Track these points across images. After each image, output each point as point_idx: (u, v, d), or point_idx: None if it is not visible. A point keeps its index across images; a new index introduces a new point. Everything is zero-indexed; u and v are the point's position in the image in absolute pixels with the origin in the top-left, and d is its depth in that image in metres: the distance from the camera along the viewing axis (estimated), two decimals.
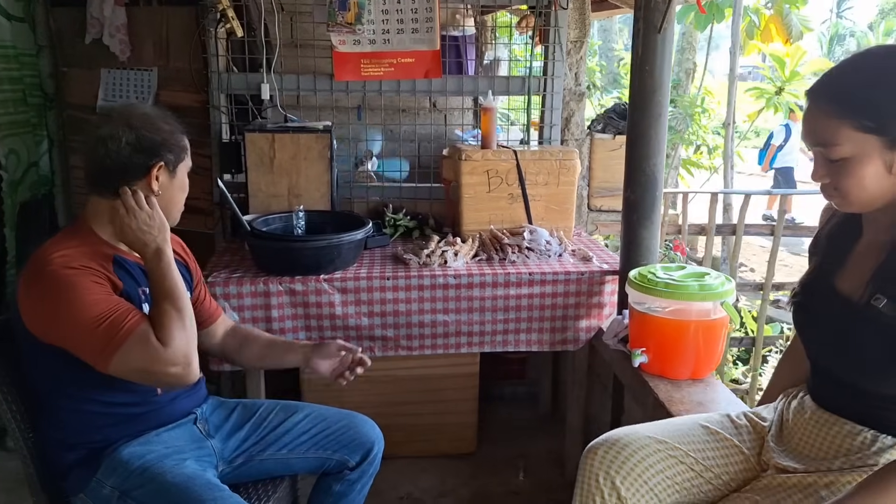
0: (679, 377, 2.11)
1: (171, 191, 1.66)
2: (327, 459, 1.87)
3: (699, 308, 2.07)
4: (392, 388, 2.76)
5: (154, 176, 1.60)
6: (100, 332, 1.46)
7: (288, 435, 1.87)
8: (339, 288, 2.43)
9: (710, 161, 7.64)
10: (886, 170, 1.24)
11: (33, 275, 1.51)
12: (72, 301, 1.47)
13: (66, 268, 1.49)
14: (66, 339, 1.50)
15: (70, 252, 1.52)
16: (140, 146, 1.57)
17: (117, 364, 1.47)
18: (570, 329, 2.56)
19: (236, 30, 2.83)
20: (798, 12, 7.38)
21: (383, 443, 1.96)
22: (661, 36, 2.22)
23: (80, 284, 1.49)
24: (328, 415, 1.93)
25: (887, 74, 1.23)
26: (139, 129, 1.58)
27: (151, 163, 1.59)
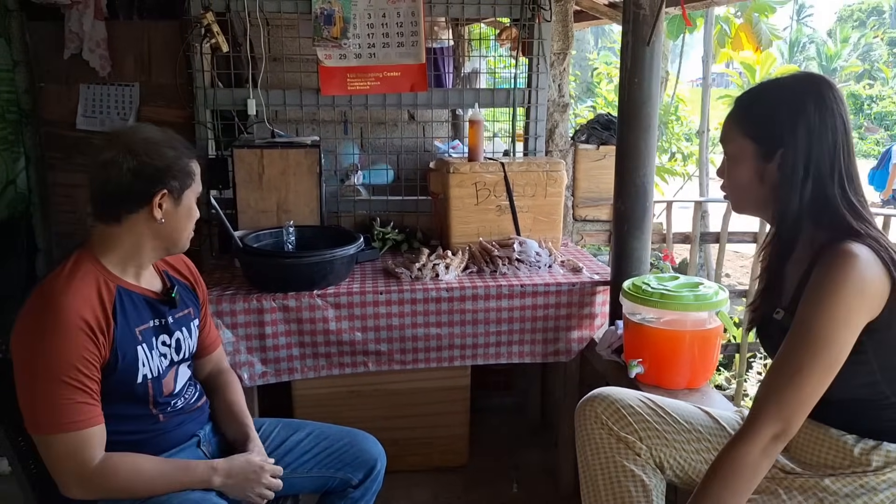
0: (675, 387, 2.13)
1: (176, 218, 1.60)
2: (330, 478, 1.86)
3: (694, 318, 2.09)
4: (383, 403, 2.75)
5: (157, 204, 1.55)
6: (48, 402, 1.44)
7: (290, 454, 1.85)
8: (332, 303, 2.42)
9: (684, 168, 7.73)
10: (758, 177, 1.43)
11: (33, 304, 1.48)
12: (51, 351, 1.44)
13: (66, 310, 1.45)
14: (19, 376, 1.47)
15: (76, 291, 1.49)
16: (142, 173, 1.52)
17: (40, 442, 1.47)
18: (562, 340, 2.57)
19: (221, 45, 2.81)
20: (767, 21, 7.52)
21: (385, 459, 1.95)
22: (649, 48, 2.25)
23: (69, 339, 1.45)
24: (330, 433, 1.92)
25: (773, 98, 1.43)
26: (141, 155, 1.53)
27: (154, 190, 1.54)
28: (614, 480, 1.63)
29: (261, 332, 2.39)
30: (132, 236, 1.58)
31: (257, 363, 2.41)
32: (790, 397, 1.31)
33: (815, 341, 1.31)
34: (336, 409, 2.70)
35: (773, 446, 1.33)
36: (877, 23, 34.57)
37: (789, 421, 1.32)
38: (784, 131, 1.39)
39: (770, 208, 1.46)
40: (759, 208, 1.51)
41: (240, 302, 2.36)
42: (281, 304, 2.39)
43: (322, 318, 2.42)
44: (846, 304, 1.29)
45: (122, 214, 1.55)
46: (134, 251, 1.60)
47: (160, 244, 1.62)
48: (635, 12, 2.24)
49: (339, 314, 2.43)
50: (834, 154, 1.37)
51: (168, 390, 1.68)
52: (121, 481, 1.50)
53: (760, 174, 1.43)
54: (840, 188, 1.38)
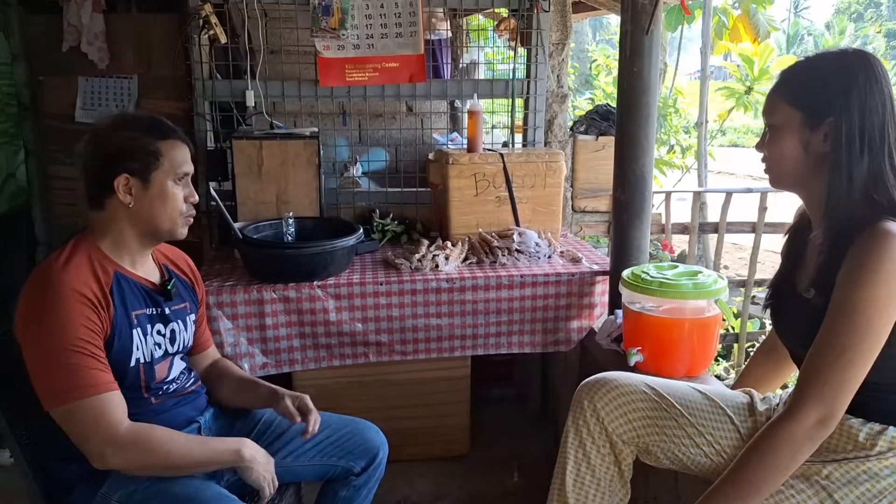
0: (674, 375, 2.13)
1: (148, 201, 1.57)
2: (332, 466, 1.86)
3: (693, 306, 2.10)
4: (385, 393, 2.76)
5: (119, 188, 1.54)
6: (61, 372, 1.44)
7: (294, 442, 1.85)
8: (332, 294, 2.43)
9: (683, 160, 7.74)
10: (803, 147, 1.42)
11: (32, 283, 1.50)
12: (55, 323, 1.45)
13: (65, 285, 1.47)
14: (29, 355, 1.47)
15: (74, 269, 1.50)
16: (99, 159, 1.54)
17: (62, 416, 1.46)
18: (562, 330, 2.58)
19: (220, 36, 2.81)
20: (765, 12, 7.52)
21: (388, 448, 1.95)
22: (648, 37, 2.26)
23: (72, 309, 1.46)
24: (332, 421, 1.92)
25: (822, 67, 1.42)
26: (102, 138, 1.55)
27: (113, 174, 1.53)
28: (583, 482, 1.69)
29: (261, 323, 2.40)
30: (115, 222, 1.58)
31: (258, 354, 2.42)
32: (835, 380, 1.31)
33: (860, 323, 1.30)
34: (337, 400, 2.70)
35: (817, 431, 1.33)
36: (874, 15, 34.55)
37: (833, 405, 1.32)
38: (835, 99, 1.37)
39: (811, 182, 1.45)
40: (798, 182, 1.48)
41: (240, 293, 2.37)
42: (281, 294, 2.39)
43: (322, 309, 2.42)
44: (888, 284, 1.28)
45: (103, 201, 1.57)
46: (120, 236, 1.60)
47: (141, 229, 1.61)
48: (634, 1, 2.24)
49: (339, 305, 2.44)
50: (884, 127, 1.36)
51: (161, 377, 1.68)
52: (156, 444, 1.50)
53: (805, 145, 1.42)
54: (891, 163, 1.37)
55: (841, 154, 1.37)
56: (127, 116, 1.64)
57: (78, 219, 3.53)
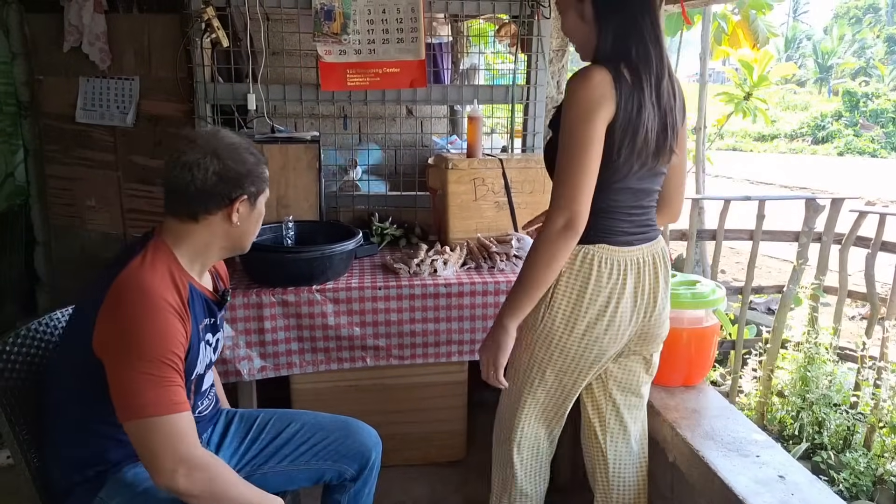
0: (672, 384, 2.15)
1: (248, 222, 1.64)
2: (326, 470, 1.87)
3: (691, 316, 2.12)
4: (381, 397, 2.76)
5: (236, 208, 1.58)
6: (151, 384, 1.42)
7: (287, 446, 1.87)
8: (331, 298, 2.43)
9: None
10: (580, 17, 1.68)
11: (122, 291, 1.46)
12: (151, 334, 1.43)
13: (158, 296, 1.46)
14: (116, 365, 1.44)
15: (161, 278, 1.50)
16: (226, 177, 1.55)
17: (143, 427, 1.41)
18: None
19: (222, 40, 2.81)
20: (764, 18, 7.53)
21: (381, 447, 1.98)
22: None
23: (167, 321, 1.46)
24: (325, 423, 1.93)
25: None
26: (226, 159, 1.55)
27: (235, 195, 1.57)
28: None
29: (260, 326, 2.41)
30: (206, 236, 1.60)
31: (256, 357, 2.43)
32: (567, 190, 1.59)
33: (570, 141, 1.60)
34: (334, 404, 2.71)
35: (567, 230, 1.60)
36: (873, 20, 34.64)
37: (572, 208, 1.59)
38: None
39: (592, 43, 1.68)
40: (587, 46, 1.71)
41: (239, 296, 2.37)
42: (280, 298, 2.40)
43: (321, 313, 2.43)
44: (579, 105, 1.57)
45: (199, 214, 1.57)
46: (204, 249, 1.62)
47: (228, 245, 1.65)
48: None
49: (337, 309, 2.44)
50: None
51: (203, 388, 1.72)
52: (222, 475, 1.48)
53: (581, 15, 1.69)
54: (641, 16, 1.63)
55: (600, 15, 1.65)
56: (243, 138, 1.64)
57: (75, 219, 3.54)
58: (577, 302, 1.72)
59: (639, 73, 1.61)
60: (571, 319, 1.73)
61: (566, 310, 1.73)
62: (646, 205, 1.77)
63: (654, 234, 1.81)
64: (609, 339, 1.75)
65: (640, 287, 1.75)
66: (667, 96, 1.66)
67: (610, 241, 1.72)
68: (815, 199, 3.29)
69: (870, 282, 3.22)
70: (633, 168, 1.66)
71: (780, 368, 3.46)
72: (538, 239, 1.65)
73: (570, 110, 1.60)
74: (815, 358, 3.29)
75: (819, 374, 3.26)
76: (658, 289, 1.78)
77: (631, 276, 1.73)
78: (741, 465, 1.73)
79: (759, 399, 3.51)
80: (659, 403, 2.04)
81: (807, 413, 3.25)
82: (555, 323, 1.74)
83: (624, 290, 1.72)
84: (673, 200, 1.91)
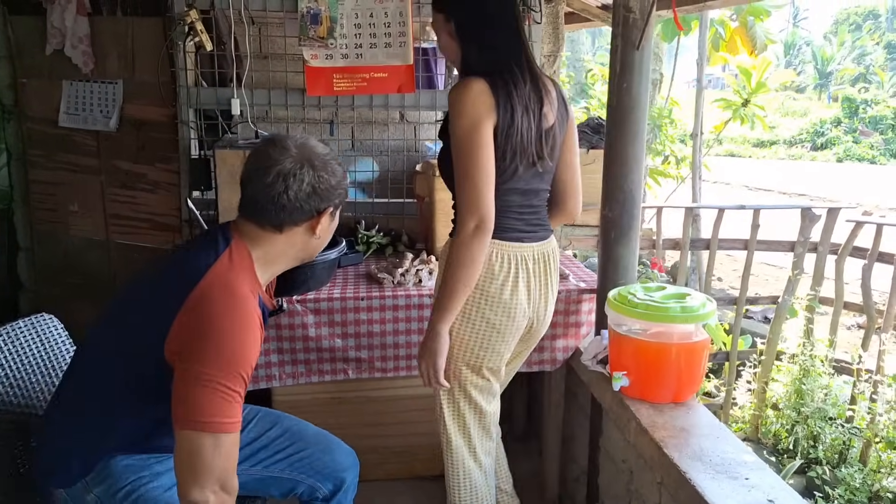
0: (660, 401, 2.08)
1: (327, 234, 1.62)
2: (299, 483, 1.84)
3: (681, 330, 2.04)
4: (365, 410, 2.70)
5: (320, 220, 1.55)
6: (225, 397, 1.35)
7: (265, 450, 1.84)
8: (312, 309, 2.37)
9: (678, 171, 7.70)
10: (450, 36, 1.83)
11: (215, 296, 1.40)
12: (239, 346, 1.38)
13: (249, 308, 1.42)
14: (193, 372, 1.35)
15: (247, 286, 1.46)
16: (319, 190, 1.51)
17: (185, 438, 1.35)
18: (547, 349, 2.52)
19: (205, 43, 2.75)
20: (762, 24, 7.49)
21: (358, 471, 1.93)
22: (639, 53, 2.20)
23: (254, 335, 1.42)
24: (306, 435, 1.90)
25: None
26: (320, 170, 1.51)
27: (324, 207, 1.54)
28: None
29: None
30: (285, 246, 1.56)
31: None
32: (471, 195, 1.72)
33: (461, 150, 1.72)
34: (316, 416, 2.62)
35: (478, 233, 1.73)
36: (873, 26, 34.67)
37: (481, 211, 1.72)
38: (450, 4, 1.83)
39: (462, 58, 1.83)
40: (458, 62, 1.85)
41: None
42: None
43: (301, 325, 2.37)
44: (466, 116, 1.71)
45: (285, 224, 1.52)
46: (279, 258, 1.58)
47: (301, 255, 1.62)
48: (625, 15, 2.19)
49: (318, 320, 2.38)
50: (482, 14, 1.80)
51: None
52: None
53: (451, 34, 1.83)
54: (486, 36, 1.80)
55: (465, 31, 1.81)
56: (328, 149, 1.59)
57: (59, 224, 3.48)
58: (475, 294, 1.85)
59: (507, 81, 1.75)
60: (485, 314, 1.87)
61: (482, 303, 1.87)
62: (535, 204, 1.92)
63: (545, 233, 1.96)
64: (509, 332, 1.92)
65: (531, 282, 1.91)
66: (534, 102, 1.80)
67: (502, 237, 1.84)
68: (811, 208, 3.24)
69: (866, 293, 3.17)
70: (519, 170, 1.81)
71: (774, 381, 3.40)
72: (454, 244, 1.77)
73: (458, 120, 1.72)
74: (811, 370, 3.24)
75: (814, 386, 3.21)
76: (548, 287, 1.97)
77: (523, 271, 1.88)
78: (729, 489, 1.67)
79: (754, 412, 3.45)
80: (646, 421, 1.97)
81: (801, 427, 3.19)
82: (473, 321, 1.88)
83: (517, 282, 1.88)
84: (567, 199, 2.05)
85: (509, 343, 1.96)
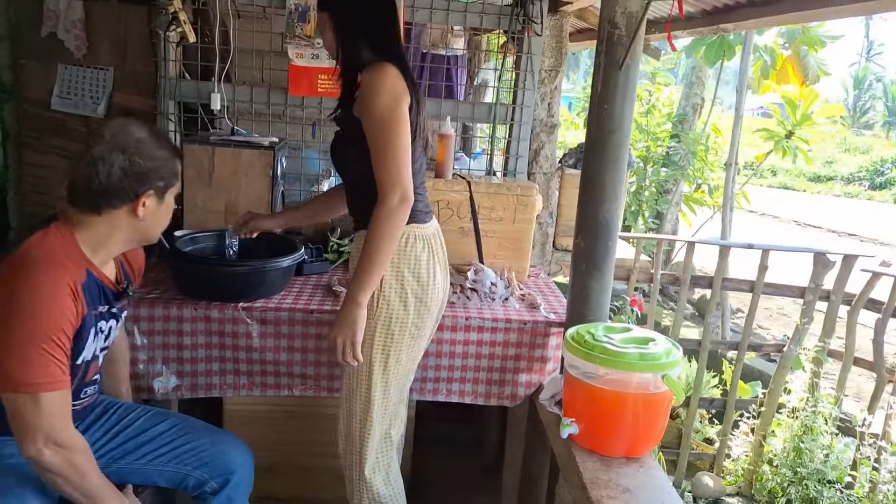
0: (612, 454, 1.89)
1: (156, 216, 1.65)
2: (187, 476, 1.82)
3: (639, 379, 1.85)
4: (319, 427, 2.55)
5: (141, 203, 1.58)
6: (37, 359, 1.44)
7: (149, 444, 1.82)
8: (258, 318, 2.24)
9: (714, 199, 7.41)
10: (333, 32, 1.91)
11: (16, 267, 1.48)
12: (42, 310, 1.45)
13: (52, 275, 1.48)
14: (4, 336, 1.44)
15: (56, 259, 1.51)
16: (131, 173, 1.55)
17: (24, 400, 1.44)
18: (509, 383, 2.34)
19: (188, 34, 2.66)
20: (816, 55, 7.16)
21: (251, 471, 1.92)
22: (622, 72, 2.02)
23: (57, 299, 1.47)
24: (196, 428, 1.89)
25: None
26: (133, 155, 1.54)
27: (141, 191, 1.57)
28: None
29: (179, 342, 2.22)
30: (109, 228, 1.60)
31: (172, 375, 2.24)
32: (393, 170, 1.79)
33: (379, 125, 1.79)
34: (267, 430, 2.54)
35: (402, 204, 1.80)
36: None
37: (403, 184, 1.80)
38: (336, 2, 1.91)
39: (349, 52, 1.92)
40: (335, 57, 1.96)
41: (159, 308, 2.20)
42: (203, 314, 2.21)
43: (245, 334, 2.23)
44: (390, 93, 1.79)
45: (102, 208, 1.57)
46: (107, 241, 1.62)
47: (134, 237, 1.66)
48: (609, 32, 2.02)
49: (264, 330, 2.24)
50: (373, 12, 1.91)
51: (90, 376, 1.70)
52: (85, 461, 1.52)
53: (334, 31, 1.91)
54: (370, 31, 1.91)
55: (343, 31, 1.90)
56: (151, 133, 1.64)
57: (49, 208, 3.42)
58: (406, 278, 1.91)
59: (405, 69, 1.87)
60: (404, 294, 1.91)
61: (398, 288, 1.91)
62: (424, 185, 2.04)
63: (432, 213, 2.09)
64: (435, 308, 2.00)
65: (441, 260, 2.01)
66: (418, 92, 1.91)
67: (415, 220, 1.92)
68: (826, 253, 2.99)
69: (878, 350, 2.91)
70: (418, 151, 1.94)
71: (773, 436, 3.15)
72: (378, 218, 1.80)
73: (378, 98, 1.79)
74: (813, 428, 2.99)
75: (814, 446, 2.95)
76: (447, 265, 2.07)
77: (433, 250, 1.97)
78: None
79: (749, 466, 3.21)
80: (589, 476, 1.78)
81: (797, 488, 2.94)
82: (392, 304, 1.91)
83: (435, 262, 1.97)
84: None
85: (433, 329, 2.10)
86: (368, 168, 1.84)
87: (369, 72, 1.83)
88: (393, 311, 1.91)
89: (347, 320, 1.84)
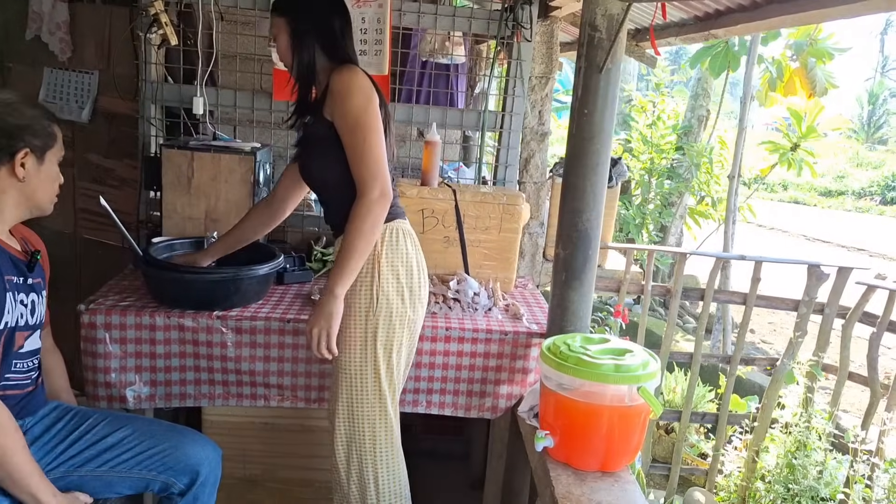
0: (586, 468, 1.84)
1: (39, 179, 1.66)
2: (151, 481, 1.80)
3: (614, 391, 1.79)
4: (298, 439, 2.50)
5: (19, 162, 1.60)
6: None
7: (110, 451, 1.78)
8: (233, 327, 2.19)
9: (718, 212, 7.32)
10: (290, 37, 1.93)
11: None
12: None
13: None
14: None
15: None
16: (2, 130, 1.57)
17: None
18: (490, 395, 2.29)
19: (169, 37, 2.62)
20: (824, 67, 7.08)
21: (218, 465, 1.89)
22: (603, 76, 1.98)
23: None
24: (157, 432, 1.85)
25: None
26: (1, 114, 1.58)
27: (16, 148, 1.59)
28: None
29: (152, 350, 2.18)
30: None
31: (144, 385, 2.20)
32: (371, 165, 1.83)
33: (355, 124, 1.83)
34: (245, 441, 2.48)
35: (382, 199, 1.83)
36: None
37: (382, 180, 1.83)
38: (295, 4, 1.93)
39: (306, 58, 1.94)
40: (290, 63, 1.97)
41: (131, 315, 2.15)
42: (177, 322, 2.17)
43: (220, 343, 2.19)
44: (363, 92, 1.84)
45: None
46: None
47: (23, 203, 1.67)
48: (590, 34, 1.97)
49: (239, 340, 2.20)
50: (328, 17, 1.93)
51: (18, 345, 1.66)
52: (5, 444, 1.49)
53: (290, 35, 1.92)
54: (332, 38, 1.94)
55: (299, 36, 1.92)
56: (20, 95, 1.69)
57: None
58: (400, 272, 1.94)
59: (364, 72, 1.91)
60: (400, 288, 1.94)
61: (394, 282, 1.93)
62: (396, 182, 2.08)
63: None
64: (426, 300, 2.05)
65: (421, 253, 2.03)
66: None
67: (399, 216, 1.98)
68: (820, 265, 2.92)
69: (872, 365, 2.83)
70: (392, 149, 1.97)
71: (766, 451, 3.07)
72: (358, 213, 1.82)
73: (352, 99, 1.83)
74: (806, 444, 2.90)
75: (808, 462, 2.87)
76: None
77: (416, 244, 2.02)
78: None
79: (742, 482, 3.13)
80: (561, 490, 1.72)
81: None
82: (391, 298, 1.93)
83: (418, 255, 2.01)
84: None
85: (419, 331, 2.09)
86: (347, 170, 1.87)
87: (339, 74, 1.86)
88: (393, 306, 1.93)
89: (324, 312, 1.85)
